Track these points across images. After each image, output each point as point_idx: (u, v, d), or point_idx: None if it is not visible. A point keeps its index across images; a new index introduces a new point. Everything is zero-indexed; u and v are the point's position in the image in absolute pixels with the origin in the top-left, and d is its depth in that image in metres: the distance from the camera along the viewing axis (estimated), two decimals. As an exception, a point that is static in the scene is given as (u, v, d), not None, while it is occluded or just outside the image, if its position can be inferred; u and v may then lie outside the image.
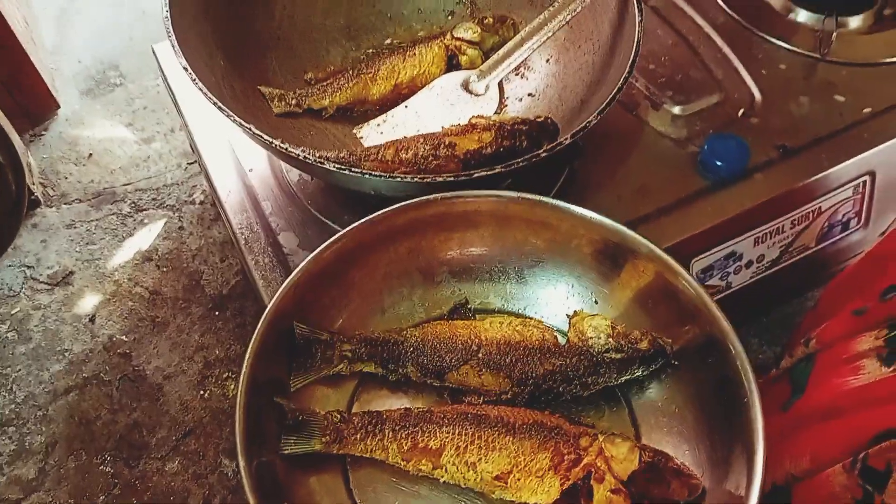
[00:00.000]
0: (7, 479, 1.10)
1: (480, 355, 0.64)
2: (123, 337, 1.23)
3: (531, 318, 0.70)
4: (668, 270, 0.63)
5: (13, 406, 1.16)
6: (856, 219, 0.95)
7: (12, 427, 1.14)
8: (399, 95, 0.89)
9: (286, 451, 0.59)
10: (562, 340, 0.67)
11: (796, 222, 0.90)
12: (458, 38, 0.90)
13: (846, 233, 0.96)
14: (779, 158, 0.88)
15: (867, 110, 0.92)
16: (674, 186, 0.86)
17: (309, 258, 0.63)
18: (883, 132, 0.90)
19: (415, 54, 0.89)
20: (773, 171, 0.87)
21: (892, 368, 0.61)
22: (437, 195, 0.66)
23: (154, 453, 1.11)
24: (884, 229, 0.96)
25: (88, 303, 1.28)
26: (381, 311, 0.70)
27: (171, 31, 0.75)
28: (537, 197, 0.66)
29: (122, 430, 1.14)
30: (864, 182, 0.92)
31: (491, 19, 0.92)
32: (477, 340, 0.65)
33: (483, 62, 0.90)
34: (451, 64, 0.90)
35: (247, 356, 0.58)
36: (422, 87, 0.90)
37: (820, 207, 0.91)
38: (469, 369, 0.64)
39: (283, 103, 0.86)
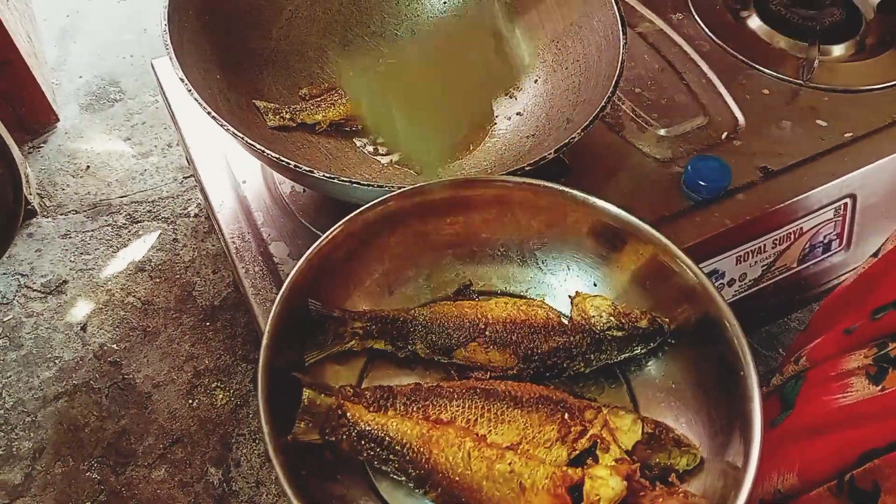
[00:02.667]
0: (-7, 485, 1.10)
1: (488, 333, 0.65)
2: (114, 345, 1.23)
3: (534, 299, 0.71)
4: (665, 252, 0.64)
5: (2, 412, 1.16)
6: (837, 240, 0.97)
7: (0, 432, 1.15)
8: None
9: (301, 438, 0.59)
10: (564, 320, 0.68)
11: (778, 242, 0.92)
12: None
13: (828, 254, 0.98)
14: (760, 180, 0.90)
15: (848, 135, 0.94)
16: (658, 205, 0.88)
17: (322, 239, 0.64)
18: (864, 156, 0.92)
19: (407, 72, 0.92)
20: (755, 192, 0.89)
21: (879, 387, 0.60)
22: (444, 180, 0.68)
23: (141, 461, 1.11)
24: (865, 251, 0.97)
25: (81, 311, 1.28)
26: (389, 292, 0.72)
27: (169, 45, 0.77)
28: (541, 182, 0.68)
29: (109, 437, 1.14)
30: (846, 204, 0.94)
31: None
32: (484, 319, 0.66)
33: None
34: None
35: (266, 329, 0.59)
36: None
37: (801, 228, 0.92)
38: (476, 346, 0.66)
39: (277, 117, 0.88)
